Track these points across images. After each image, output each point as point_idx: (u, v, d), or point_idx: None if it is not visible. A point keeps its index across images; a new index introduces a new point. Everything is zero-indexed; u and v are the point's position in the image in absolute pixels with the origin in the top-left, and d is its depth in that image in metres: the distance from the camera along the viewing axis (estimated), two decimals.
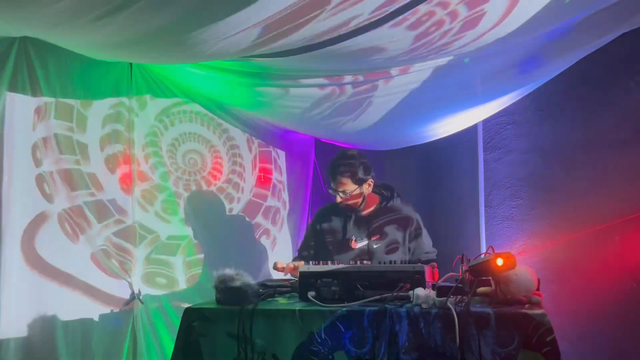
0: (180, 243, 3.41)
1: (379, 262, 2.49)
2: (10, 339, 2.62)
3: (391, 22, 2.33)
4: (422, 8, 2.24)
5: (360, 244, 2.95)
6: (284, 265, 2.81)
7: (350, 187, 2.92)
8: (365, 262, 2.77)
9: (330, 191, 3.01)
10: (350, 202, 2.96)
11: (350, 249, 2.97)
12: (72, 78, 2.89)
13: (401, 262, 2.61)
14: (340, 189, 2.92)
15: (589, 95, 3.36)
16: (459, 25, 2.38)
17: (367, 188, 2.98)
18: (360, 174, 2.92)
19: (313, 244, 3.12)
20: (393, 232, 2.96)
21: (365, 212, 3.02)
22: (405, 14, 2.27)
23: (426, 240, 3.03)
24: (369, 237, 2.96)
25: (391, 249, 2.94)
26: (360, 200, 2.98)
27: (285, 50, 2.64)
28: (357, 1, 2.14)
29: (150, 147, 3.29)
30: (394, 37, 2.44)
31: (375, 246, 2.93)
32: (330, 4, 2.13)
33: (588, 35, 2.62)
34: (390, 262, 2.43)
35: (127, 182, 3.15)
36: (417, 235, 3.00)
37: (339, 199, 2.94)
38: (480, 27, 2.40)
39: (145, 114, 3.27)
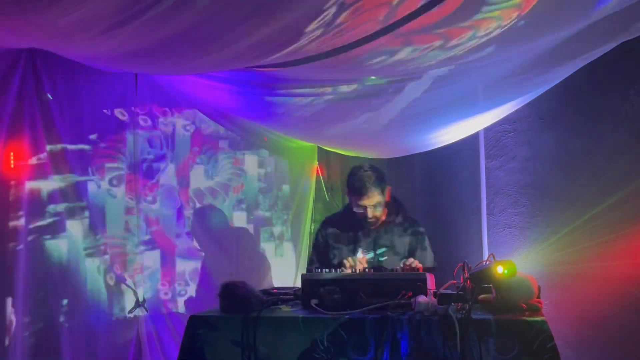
0: (184, 251, 3.43)
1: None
2: (16, 345, 2.64)
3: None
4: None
5: (366, 256, 2.88)
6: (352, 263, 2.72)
7: (379, 198, 2.85)
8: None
9: (357, 209, 2.87)
10: (377, 214, 2.87)
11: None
12: (79, 89, 2.93)
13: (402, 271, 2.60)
14: (372, 203, 2.83)
15: (589, 104, 3.38)
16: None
17: (387, 196, 2.93)
18: (382, 183, 2.87)
19: (322, 253, 3.03)
20: (399, 245, 2.93)
21: (373, 224, 2.95)
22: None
23: (429, 255, 2.99)
24: (375, 249, 2.92)
25: (396, 261, 2.87)
26: (384, 209, 2.91)
27: (288, 61, 2.68)
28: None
29: (156, 157, 3.33)
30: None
31: (381, 259, 2.89)
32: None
33: (587, 44, 2.64)
34: (392, 270, 2.44)
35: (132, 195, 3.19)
36: (422, 249, 2.97)
37: (370, 214, 2.84)
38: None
39: (150, 124, 3.31)
